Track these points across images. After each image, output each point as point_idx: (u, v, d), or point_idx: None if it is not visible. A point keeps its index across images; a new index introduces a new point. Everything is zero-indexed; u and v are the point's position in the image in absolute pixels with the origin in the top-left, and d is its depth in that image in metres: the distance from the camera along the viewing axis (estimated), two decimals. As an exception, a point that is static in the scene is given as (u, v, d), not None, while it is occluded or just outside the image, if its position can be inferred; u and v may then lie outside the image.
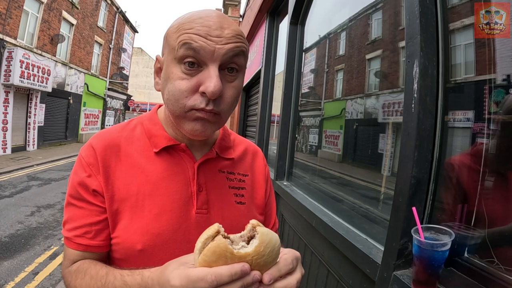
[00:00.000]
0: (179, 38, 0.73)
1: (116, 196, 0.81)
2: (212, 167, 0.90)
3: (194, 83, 0.73)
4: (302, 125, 3.42)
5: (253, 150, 1.05)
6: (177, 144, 0.86)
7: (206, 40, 0.71)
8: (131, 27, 28.53)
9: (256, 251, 0.59)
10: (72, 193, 0.82)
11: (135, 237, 0.79)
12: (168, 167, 0.85)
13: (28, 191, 8.04)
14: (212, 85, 0.71)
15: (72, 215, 0.82)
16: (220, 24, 0.74)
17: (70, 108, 18.76)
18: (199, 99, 0.74)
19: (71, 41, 18.15)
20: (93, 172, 0.81)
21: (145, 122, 0.91)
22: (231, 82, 0.78)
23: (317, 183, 2.76)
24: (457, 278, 1.04)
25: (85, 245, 0.81)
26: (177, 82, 0.74)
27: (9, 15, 12.71)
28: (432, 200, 1.20)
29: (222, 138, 0.96)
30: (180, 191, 0.84)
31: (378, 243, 1.56)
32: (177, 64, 0.75)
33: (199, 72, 0.74)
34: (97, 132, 0.90)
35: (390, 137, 1.82)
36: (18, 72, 12.70)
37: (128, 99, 29.45)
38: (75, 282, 0.78)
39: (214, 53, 0.72)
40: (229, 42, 0.73)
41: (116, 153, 0.84)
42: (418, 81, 1.16)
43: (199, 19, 0.74)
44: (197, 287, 0.56)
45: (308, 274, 2.25)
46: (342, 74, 2.69)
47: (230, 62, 0.75)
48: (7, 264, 4.27)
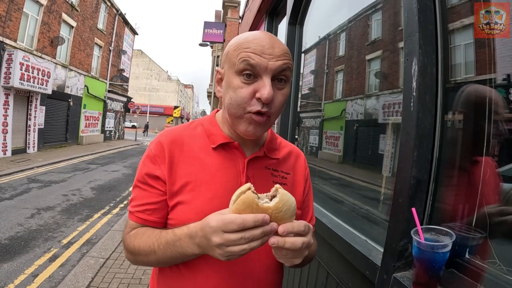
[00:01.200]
0: (239, 55, 0.91)
1: (178, 181, 0.98)
2: (259, 163, 1.07)
3: (251, 91, 0.91)
4: (302, 126, 3.42)
5: (296, 152, 1.21)
6: (232, 142, 1.04)
7: (261, 58, 0.89)
8: (131, 29, 28.58)
9: (276, 207, 0.75)
10: (139, 178, 1.02)
11: (191, 215, 0.95)
12: (223, 161, 1.02)
13: (28, 193, 8.03)
14: (266, 92, 0.89)
15: (137, 195, 1.02)
16: (272, 44, 0.92)
17: (70, 110, 18.78)
18: (256, 104, 0.91)
19: (71, 43, 18.19)
20: (158, 162, 0.99)
21: (205, 123, 1.10)
22: (281, 90, 0.95)
23: (317, 184, 2.75)
24: (458, 280, 1.02)
25: (144, 219, 1.00)
26: (238, 90, 0.92)
27: (9, 18, 12.74)
28: (432, 200, 1.18)
29: (270, 141, 1.12)
30: (232, 181, 1.00)
31: (377, 244, 1.55)
32: (237, 76, 0.92)
33: (255, 82, 0.91)
34: (164, 130, 1.10)
35: (391, 137, 1.81)
36: (18, 75, 12.72)
37: (128, 101, 29.45)
38: (134, 242, 0.98)
39: (267, 67, 0.90)
40: (279, 60, 0.91)
41: (180, 147, 1.02)
42: (417, 79, 1.15)
43: (255, 39, 0.92)
44: (228, 227, 0.74)
45: (308, 276, 2.24)
46: (342, 75, 2.69)
47: (280, 74, 0.93)
48: (6, 267, 4.26)
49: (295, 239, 0.78)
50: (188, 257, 0.92)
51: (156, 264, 1.01)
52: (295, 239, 0.78)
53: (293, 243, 0.78)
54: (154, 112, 52.05)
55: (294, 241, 0.78)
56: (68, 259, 4.72)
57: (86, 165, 13.39)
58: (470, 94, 1.14)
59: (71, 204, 7.41)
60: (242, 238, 0.74)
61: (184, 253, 0.89)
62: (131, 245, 0.99)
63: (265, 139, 1.12)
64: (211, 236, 0.77)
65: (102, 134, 24.02)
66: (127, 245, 1.01)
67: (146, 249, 0.95)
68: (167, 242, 0.90)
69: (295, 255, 0.83)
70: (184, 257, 0.91)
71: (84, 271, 4.24)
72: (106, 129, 24.72)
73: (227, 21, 18.96)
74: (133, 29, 29.04)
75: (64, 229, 5.84)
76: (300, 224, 0.80)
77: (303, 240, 0.79)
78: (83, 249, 5.09)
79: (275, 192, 0.78)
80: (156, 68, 57.91)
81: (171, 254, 0.91)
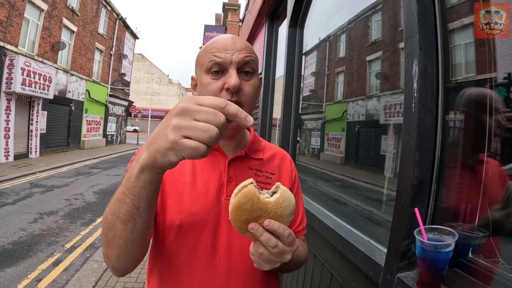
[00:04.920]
0: (207, 57, 0.99)
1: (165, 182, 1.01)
2: (242, 164, 1.08)
3: (220, 84, 0.97)
4: (304, 128, 3.42)
5: (282, 154, 1.22)
6: None
7: (225, 53, 0.97)
8: (131, 34, 28.68)
9: (276, 202, 0.76)
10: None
11: (176, 214, 0.98)
12: (205, 163, 1.05)
13: (30, 198, 8.05)
14: (233, 80, 0.95)
15: None
16: (234, 40, 1.01)
17: (72, 115, 18.83)
18: (225, 95, 0.97)
19: (72, 48, 18.25)
20: None
21: None
22: (248, 81, 1.01)
23: (320, 186, 2.75)
24: (461, 279, 1.02)
25: None
26: (208, 86, 0.99)
27: (10, 23, 12.80)
28: (434, 200, 1.19)
29: (252, 142, 1.14)
30: (214, 181, 1.03)
31: (381, 245, 1.55)
32: (206, 75, 1.00)
33: (223, 76, 0.98)
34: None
35: (392, 138, 1.82)
36: (20, 80, 12.77)
37: (129, 105, 29.52)
38: (107, 209, 0.82)
39: (231, 61, 0.97)
40: (241, 53, 0.99)
41: None
42: (418, 80, 1.15)
43: (219, 40, 1.03)
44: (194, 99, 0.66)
45: (312, 278, 2.24)
46: (343, 76, 2.69)
47: (244, 66, 1.00)
48: (10, 271, 4.27)
49: (272, 237, 0.76)
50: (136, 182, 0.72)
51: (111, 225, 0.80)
52: (271, 237, 0.76)
53: (268, 239, 0.76)
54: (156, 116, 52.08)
55: (270, 238, 0.76)
56: (71, 263, 4.73)
57: (89, 170, 13.41)
58: (470, 94, 1.15)
59: (73, 209, 7.42)
60: (200, 111, 0.63)
61: (130, 177, 0.73)
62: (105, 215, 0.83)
63: (247, 141, 1.14)
64: (173, 111, 0.66)
65: (104, 138, 24.06)
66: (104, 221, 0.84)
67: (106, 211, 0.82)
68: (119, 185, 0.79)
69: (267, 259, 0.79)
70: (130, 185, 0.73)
71: (87, 275, 4.25)
72: (108, 133, 24.78)
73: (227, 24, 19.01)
74: (133, 33, 29.14)
75: (67, 234, 5.85)
76: (287, 230, 0.78)
77: (278, 244, 0.76)
78: (87, 253, 5.10)
79: (276, 189, 0.79)
80: (157, 72, 58.00)
81: (118, 191, 0.77)
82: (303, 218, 1.20)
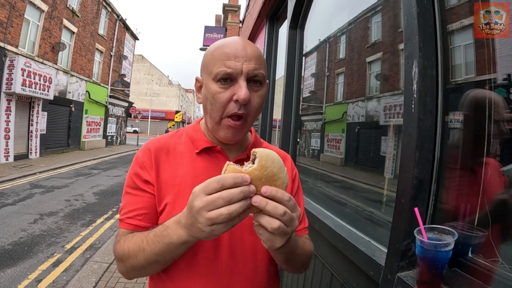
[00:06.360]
0: (216, 64, 0.95)
1: (164, 186, 1.02)
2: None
3: (229, 94, 0.94)
4: (304, 129, 3.43)
5: (283, 156, 1.19)
6: (214, 147, 1.07)
7: (235, 62, 0.93)
8: (131, 35, 28.70)
9: (260, 165, 0.73)
10: (129, 183, 1.04)
11: None
12: (207, 165, 1.05)
13: (31, 198, 8.05)
14: (243, 93, 0.92)
15: (127, 201, 1.03)
16: (244, 46, 0.96)
17: (72, 115, 18.84)
18: (233, 106, 0.95)
19: (72, 49, 18.27)
20: (146, 167, 1.03)
21: (189, 130, 1.14)
22: (257, 92, 0.99)
23: (320, 186, 2.76)
24: (461, 279, 1.03)
25: (135, 225, 1.00)
26: (216, 96, 0.95)
27: (10, 24, 12.82)
28: (434, 200, 1.19)
29: (253, 144, 1.14)
30: None
31: (381, 245, 1.56)
32: (214, 83, 0.96)
33: (232, 85, 0.95)
34: (152, 138, 1.14)
35: (392, 139, 1.82)
36: (20, 81, 12.79)
37: (129, 106, 29.52)
38: (124, 245, 0.96)
39: (242, 71, 0.93)
40: (252, 63, 0.94)
41: (166, 153, 1.07)
42: (418, 82, 1.16)
43: (228, 44, 0.97)
44: (209, 187, 0.71)
45: (312, 278, 2.24)
46: (343, 77, 2.70)
47: (254, 77, 0.96)
48: (10, 272, 4.28)
49: (278, 204, 0.73)
50: (176, 248, 0.86)
51: (146, 265, 0.93)
52: (277, 204, 0.73)
53: (275, 207, 0.72)
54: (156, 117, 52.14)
55: (277, 205, 0.73)
56: (71, 264, 4.74)
57: (89, 170, 13.41)
58: (474, 96, 1.15)
59: (74, 209, 7.42)
60: (220, 197, 0.70)
61: (171, 243, 0.84)
62: (120, 250, 0.97)
63: (249, 143, 1.15)
64: (193, 202, 0.73)
65: (104, 139, 24.07)
66: (117, 252, 0.99)
67: (135, 248, 0.92)
68: (155, 235, 0.88)
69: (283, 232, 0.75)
70: (171, 248, 0.86)
71: (87, 275, 4.25)
72: (108, 134, 24.78)
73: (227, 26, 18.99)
74: (133, 34, 29.16)
75: (67, 234, 5.86)
76: (286, 193, 0.75)
77: (285, 210, 0.73)
78: (87, 254, 5.10)
79: (254, 156, 0.75)
80: (157, 73, 58.07)
81: (159, 248, 0.87)
82: (304, 218, 1.19)
